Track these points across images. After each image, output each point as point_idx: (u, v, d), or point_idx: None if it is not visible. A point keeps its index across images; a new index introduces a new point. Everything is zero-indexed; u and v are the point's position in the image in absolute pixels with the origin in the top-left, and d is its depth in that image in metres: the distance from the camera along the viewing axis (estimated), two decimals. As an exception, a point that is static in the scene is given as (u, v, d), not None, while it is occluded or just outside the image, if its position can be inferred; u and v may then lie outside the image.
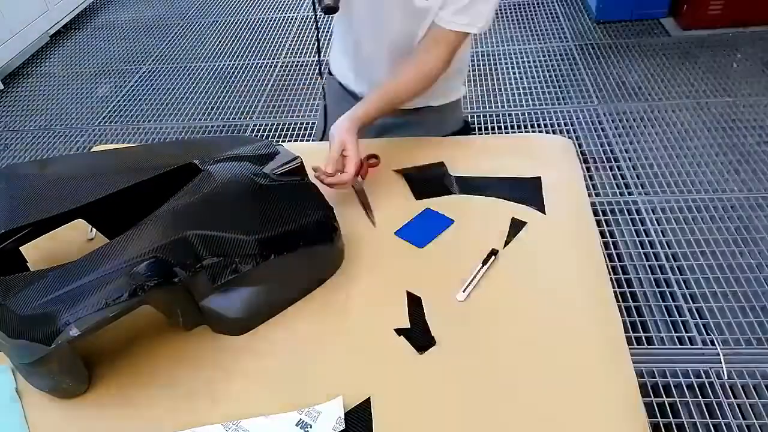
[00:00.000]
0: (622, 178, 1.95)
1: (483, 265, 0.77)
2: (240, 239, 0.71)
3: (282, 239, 0.72)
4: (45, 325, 0.61)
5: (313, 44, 3.03)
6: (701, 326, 1.45)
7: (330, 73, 1.17)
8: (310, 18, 3.32)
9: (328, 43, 2.92)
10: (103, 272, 0.65)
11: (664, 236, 1.72)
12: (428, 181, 0.93)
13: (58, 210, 0.73)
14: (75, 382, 0.67)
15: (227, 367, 0.70)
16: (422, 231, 0.84)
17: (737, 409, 1.29)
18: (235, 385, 0.68)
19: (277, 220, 0.73)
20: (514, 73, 2.60)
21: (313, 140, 1.18)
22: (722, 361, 1.37)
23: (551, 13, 3.07)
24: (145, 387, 0.69)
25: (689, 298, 1.53)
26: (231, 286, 0.71)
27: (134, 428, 0.65)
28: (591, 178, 1.97)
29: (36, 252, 0.81)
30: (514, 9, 3.16)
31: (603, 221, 1.79)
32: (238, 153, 0.84)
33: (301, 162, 0.87)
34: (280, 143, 0.90)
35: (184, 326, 0.73)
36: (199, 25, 3.42)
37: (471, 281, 0.76)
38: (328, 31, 3.12)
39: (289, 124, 2.43)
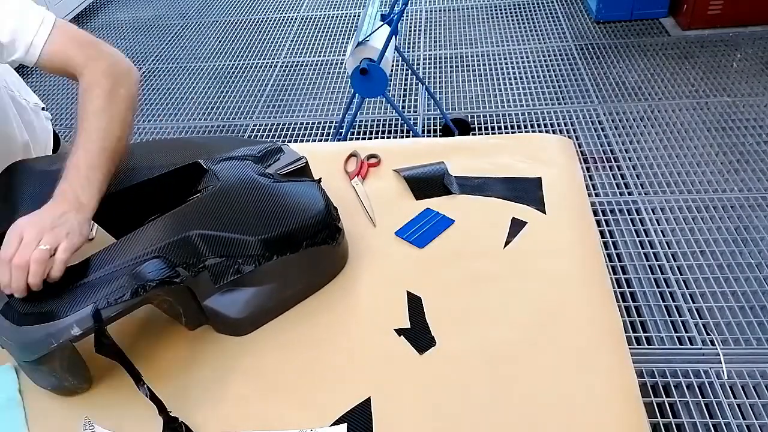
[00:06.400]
0: (622, 178, 1.95)
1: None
2: (243, 239, 0.71)
3: (285, 240, 0.72)
4: (46, 324, 0.61)
5: (313, 44, 3.03)
6: (701, 326, 1.45)
7: None
8: (310, 18, 3.32)
9: (338, 42, 2.88)
10: (105, 272, 0.65)
11: (664, 236, 1.72)
12: (428, 181, 0.93)
13: None
14: (77, 381, 0.67)
15: (227, 367, 0.70)
16: (422, 231, 0.84)
17: (737, 409, 1.29)
18: (234, 384, 0.68)
19: (281, 220, 0.73)
20: (514, 73, 2.60)
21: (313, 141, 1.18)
22: (722, 361, 1.37)
23: (551, 13, 3.07)
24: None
25: (689, 298, 1.53)
26: (234, 286, 0.71)
27: (136, 428, 0.65)
28: (591, 178, 1.97)
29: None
30: (514, 9, 3.16)
31: (603, 221, 1.79)
32: (242, 153, 0.84)
33: (306, 162, 0.87)
34: (285, 143, 0.90)
35: (186, 326, 0.73)
36: (199, 25, 3.42)
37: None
38: (338, 31, 3.12)
39: (288, 124, 2.43)
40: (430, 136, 2.26)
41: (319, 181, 0.83)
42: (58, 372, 0.65)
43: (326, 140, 2.31)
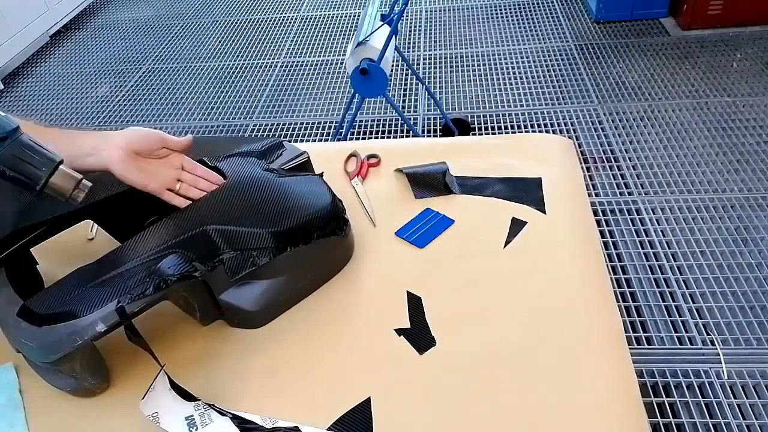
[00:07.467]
0: (622, 178, 1.95)
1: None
2: (257, 232, 0.71)
3: (297, 232, 0.73)
4: (69, 323, 0.61)
5: (313, 44, 3.03)
6: (701, 326, 1.45)
7: None
8: (310, 18, 3.32)
9: (338, 42, 2.88)
10: (123, 269, 0.66)
11: (664, 236, 1.72)
12: (428, 180, 0.93)
13: (67, 209, 0.73)
14: (97, 381, 0.67)
15: (224, 367, 0.70)
16: (422, 231, 0.84)
17: (737, 409, 1.29)
18: (232, 384, 0.68)
19: (290, 213, 0.74)
20: (514, 73, 2.60)
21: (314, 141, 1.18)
22: (722, 361, 1.37)
23: (551, 13, 3.07)
24: (146, 387, 0.69)
25: (689, 298, 1.53)
26: (249, 279, 0.72)
27: (137, 429, 0.65)
28: (591, 178, 1.97)
29: (37, 253, 0.81)
30: (514, 9, 3.16)
31: (603, 221, 1.79)
32: (245, 150, 0.84)
33: (308, 157, 0.87)
34: (285, 140, 0.91)
35: (201, 321, 0.74)
36: (199, 25, 3.42)
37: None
38: (338, 31, 3.12)
39: (288, 124, 2.43)
40: (430, 136, 2.26)
41: (321, 175, 0.83)
42: (78, 372, 0.64)
43: (326, 140, 2.31)
